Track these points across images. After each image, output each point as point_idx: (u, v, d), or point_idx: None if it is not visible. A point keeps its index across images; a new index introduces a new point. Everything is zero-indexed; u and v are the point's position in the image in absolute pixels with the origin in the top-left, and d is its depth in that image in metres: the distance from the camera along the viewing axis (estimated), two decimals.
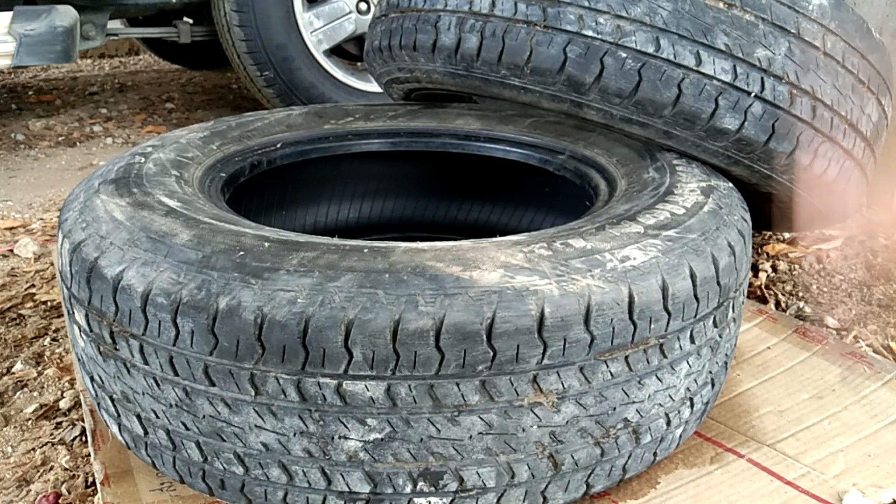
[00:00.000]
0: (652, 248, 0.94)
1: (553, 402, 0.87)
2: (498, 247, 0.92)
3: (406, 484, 0.88)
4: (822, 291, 1.76)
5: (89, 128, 3.24)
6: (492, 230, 1.67)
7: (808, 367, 1.33)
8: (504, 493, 0.91)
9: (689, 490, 1.05)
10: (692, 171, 1.20)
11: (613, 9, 1.20)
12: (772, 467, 1.09)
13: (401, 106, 1.59)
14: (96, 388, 1.02)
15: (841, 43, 1.26)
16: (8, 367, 1.48)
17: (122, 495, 1.02)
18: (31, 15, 2.37)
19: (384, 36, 1.49)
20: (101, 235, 0.97)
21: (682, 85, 1.19)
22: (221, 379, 0.86)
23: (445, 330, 0.82)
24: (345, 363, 0.83)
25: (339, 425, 0.85)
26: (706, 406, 1.07)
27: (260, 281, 0.85)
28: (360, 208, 1.71)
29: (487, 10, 1.29)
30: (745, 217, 1.11)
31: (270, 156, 1.38)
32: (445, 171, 1.67)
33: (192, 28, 3.21)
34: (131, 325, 0.90)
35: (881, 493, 1.05)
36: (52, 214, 2.30)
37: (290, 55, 2.76)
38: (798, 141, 1.23)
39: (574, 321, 0.85)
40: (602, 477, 0.96)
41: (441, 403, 0.84)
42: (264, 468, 0.90)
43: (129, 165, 1.18)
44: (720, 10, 1.20)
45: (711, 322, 0.98)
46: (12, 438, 1.29)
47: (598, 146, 1.34)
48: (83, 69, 4.50)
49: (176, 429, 0.93)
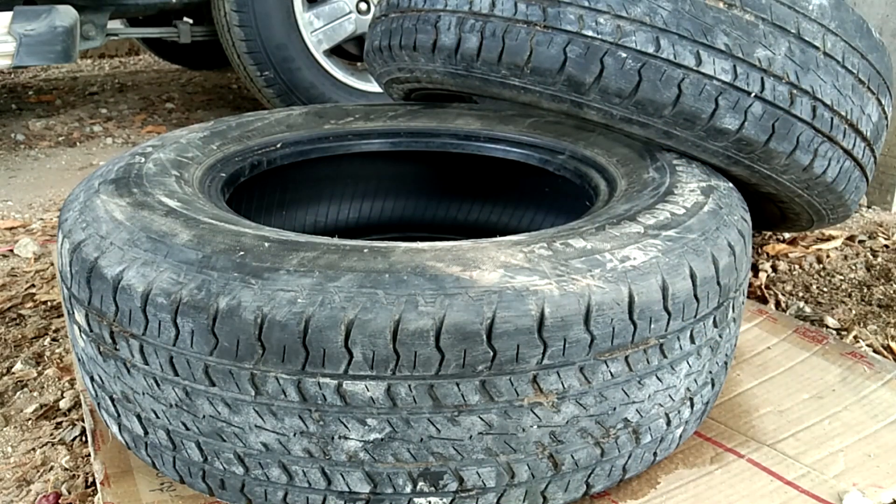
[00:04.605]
0: (652, 248, 0.94)
1: (553, 402, 0.87)
2: (498, 247, 0.92)
3: (406, 484, 0.88)
4: (822, 291, 1.76)
5: (89, 128, 3.24)
6: (492, 230, 1.67)
7: (808, 367, 1.33)
8: (504, 493, 0.91)
9: (689, 490, 1.05)
10: (692, 171, 1.20)
11: (613, 9, 1.20)
12: (772, 467, 1.09)
13: (401, 106, 1.59)
14: (96, 388, 1.02)
15: (841, 43, 1.26)
16: (8, 367, 1.48)
17: (122, 495, 1.02)
18: (31, 15, 2.37)
19: (384, 36, 1.49)
20: (101, 235, 0.97)
21: (682, 85, 1.19)
22: (221, 379, 0.86)
23: (445, 330, 0.82)
24: (345, 363, 0.83)
25: (339, 425, 0.85)
26: (706, 406, 1.07)
27: (260, 281, 0.85)
28: (360, 208, 1.71)
29: (487, 10, 1.29)
30: (745, 217, 1.11)
31: (270, 156, 1.38)
32: (445, 171, 1.67)
33: (192, 28, 3.21)
34: (131, 325, 0.90)
35: (881, 493, 1.05)
36: (52, 214, 2.30)
37: (290, 55, 2.76)
38: (798, 141, 1.23)
39: (574, 321, 0.85)
40: (602, 477, 0.96)
41: (441, 403, 0.84)
42: (264, 468, 0.90)
43: (129, 165, 1.18)
44: (720, 10, 1.20)
45: (711, 322, 0.98)
46: (12, 438, 1.28)
47: (598, 146, 1.34)
48: (83, 69, 4.49)
49: (176, 429, 0.93)
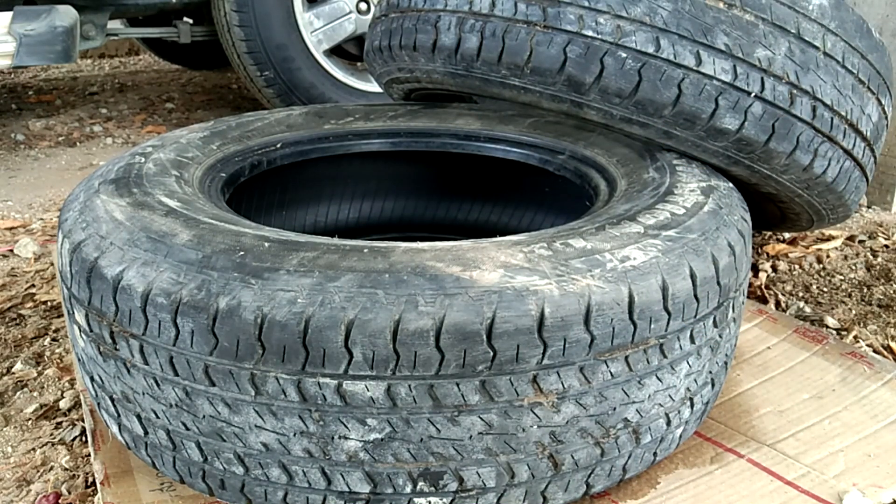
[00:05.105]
0: (652, 248, 0.94)
1: (553, 402, 0.87)
2: (498, 247, 0.92)
3: (406, 484, 0.88)
4: (822, 291, 1.76)
5: (89, 128, 3.24)
6: (492, 230, 1.67)
7: (808, 367, 1.33)
8: (504, 493, 0.91)
9: (689, 490, 1.05)
10: (692, 171, 1.20)
11: (613, 9, 1.20)
12: (772, 467, 1.09)
13: (401, 106, 1.59)
14: (96, 388, 1.02)
15: (841, 43, 1.26)
16: (8, 367, 1.48)
17: (122, 495, 1.02)
18: (31, 15, 2.37)
19: (384, 36, 1.49)
20: (101, 235, 0.97)
21: (682, 85, 1.19)
22: (221, 379, 0.86)
23: (445, 330, 0.82)
24: (345, 363, 0.83)
25: (339, 425, 0.85)
26: (706, 406, 1.07)
27: (260, 281, 0.85)
28: (360, 208, 1.71)
29: (487, 10, 1.29)
30: (745, 217, 1.11)
31: (270, 156, 1.38)
32: (445, 171, 1.67)
33: (192, 28, 3.21)
34: (131, 325, 0.90)
35: (881, 493, 1.05)
36: (52, 214, 2.30)
37: (290, 55, 2.76)
38: (798, 141, 1.23)
39: (574, 321, 0.85)
40: (602, 477, 0.96)
41: (441, 403, 0.84)
42: (264, 468, 0.90)
43: (129, 165, 1.18)
44: (720, 10, 1.20)
45: (711, 322, 0.98)
46: (12, 438, 1.28)
47: (598, 146, 1.34)
48: (83, 69, 4.49)
49: (176, 429, 0.93)
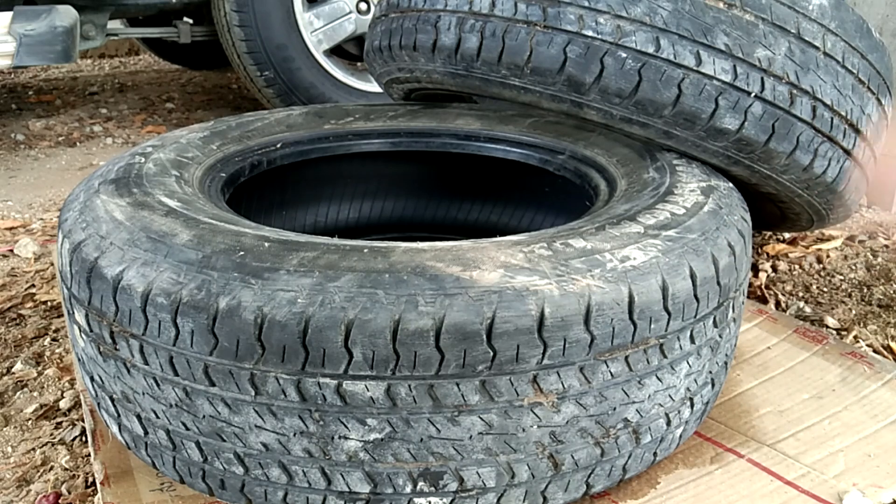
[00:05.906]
0: (652, 248, 0.94)
1: (553, 402, 0.87)
2: (498, 247, 0.92)
3: (406, 484, 0.88)
4: (822, 291, 1.76)
5: (89, 128, 3.24)
6: (492, 230, 1.67)
7: (808, 367, 1.33)
8: (504, 493, 0.91)
9: (689, 490, 1.05)
10: (692, 171, 1.20)
11: (613, 9, 1.20)
12: (772, 467, 1.09)
13: (401, 106, 1.59)
14: (96, 388, 1.02)
15: (841, 43, 1.26)
16: (8, 367, 1.48)
17: (122, 495, 1.02)
18: (31, 15, 2.37)
19: (384, 36, 1.49)
20: (101, 235, 0.97)
21: (682, 85, 1.19)
22: (221, 379, 0.86)
23: (445, 330, 0.82)
24: (345, 363, 0.83)
25: (339, 425, 0.85)
26: (706, 406, 1.07)
27: (260, 281, 0.85)
28: (360, 208, 1.71)
29: (487, 10, 1.29)
30: (745, 217, 1.11)
31: (270, 156, 1.38)
32: (445, 171, 1.67)
33: (192, 28, 3.21)
34: (131, 325, 0.90)
35: (881, 493, 1.05)
36: (52, 214, 2.30)
37: (290, 55, 2.76)
38: (798, 141, 1.23)
39: (574, 321, 0.85)
40: (602, 477, 0.96)
41: (441, 403, 0.84)
42: (264, 468, 0.90)
43: (129, 165, 1.18)
44: (720, 10, 1.20)
45: (711, 322, 0.98)
46: (12, 438, 1.28)
47: (598, 146, 1.34)
48: (83, 69, 4.49)
49: (176, 429, 0.93)
